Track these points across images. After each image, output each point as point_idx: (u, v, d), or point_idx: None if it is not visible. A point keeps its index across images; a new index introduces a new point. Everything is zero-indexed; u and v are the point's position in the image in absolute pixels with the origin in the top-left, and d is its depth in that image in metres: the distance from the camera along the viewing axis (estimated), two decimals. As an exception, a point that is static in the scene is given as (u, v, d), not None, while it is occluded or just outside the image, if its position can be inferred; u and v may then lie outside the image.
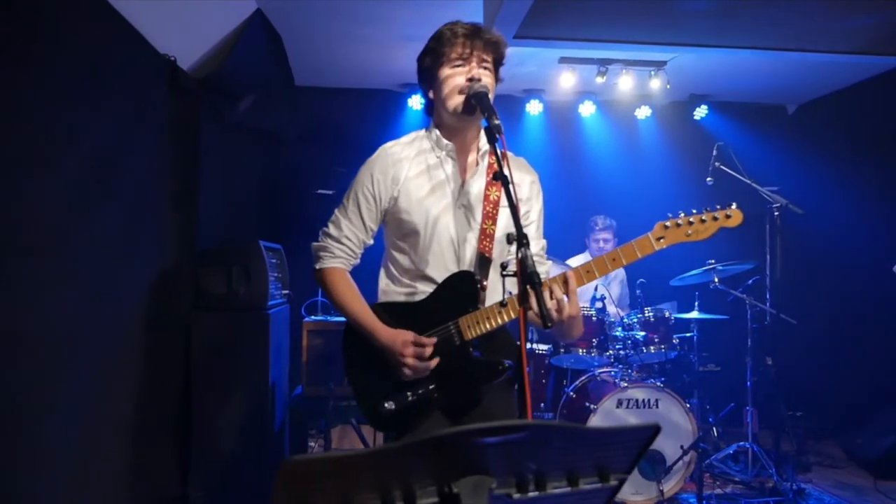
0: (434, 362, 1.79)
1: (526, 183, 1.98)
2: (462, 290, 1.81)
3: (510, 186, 1.49)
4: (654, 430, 0.93)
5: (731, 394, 4.72)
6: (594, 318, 4.03)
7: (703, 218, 1.68)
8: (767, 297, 4.29)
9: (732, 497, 3.88)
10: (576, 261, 4.93)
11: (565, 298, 1.65)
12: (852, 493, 4.06)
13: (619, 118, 5.67)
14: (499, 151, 1.59)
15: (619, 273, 5.00)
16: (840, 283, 5.25)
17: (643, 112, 5.54)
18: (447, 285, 1.84)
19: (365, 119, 5.32)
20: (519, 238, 1.41)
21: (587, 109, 5.48)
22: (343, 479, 0.83)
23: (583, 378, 4.01)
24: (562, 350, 4.03)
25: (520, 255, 1.40)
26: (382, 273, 2.00)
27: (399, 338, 1.79)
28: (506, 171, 1.52)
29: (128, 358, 2.83)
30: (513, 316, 1.76)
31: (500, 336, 1.89)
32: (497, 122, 1.60)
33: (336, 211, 1.98)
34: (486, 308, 1.80)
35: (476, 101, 1.72)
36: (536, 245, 1.95)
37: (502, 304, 1.70)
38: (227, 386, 3.34)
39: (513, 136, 5.57)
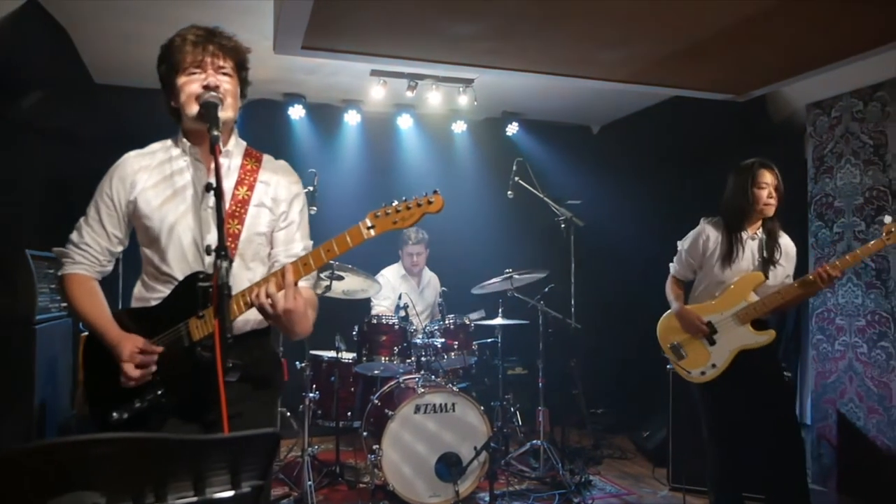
0: (150, 370, 1.73)
1: (282, 185, 1.97)
2: (194, 290, 1.75)
3: (221, 198, 1.49)
4: (273, 436, 0.96)
5: (538, 395, 4.99)
6: (397, 327, 4.12)
7: (409, 205, 1.73)
8: (573, 303, 4.60)
9: (524, 493, 4.11)
10: (389, 271, 5.01)
11: (278, 294, 1.65)
12: (631, 481, 4.45)
13: (436, 132, 5.84)
14: (219, 163, 1.58)
15: (433, 281, 5.14)
16: (623, 290, 5.75)
17: (459, 127, 5.76)
18: (180, 287, 1.80)
19: (170, 121, 5.06)
20: (218, 250, 1.43)
21: (405, 122, 5.60)
22: None
23: (389, 385, 4.08)
24: (364, 359, 4.07)
25: (216, 266, 1.40)
26: (139, 280, 1.95)
27: (126, 342, 1.73)
28: (222, 183, 1.52)
29: None
30: (237, 313, 1.73)
31: (248, 341, 1.86)
32: (216, 133, 1.61)
33: (81, 218, 1.92)
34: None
35: (204, 111, 1.71)
36: (299, 246, 1.95)
37: (199, 316, 1.67)
38: (-15, 409, 3.04)
39: (330, 146, 5.58)
